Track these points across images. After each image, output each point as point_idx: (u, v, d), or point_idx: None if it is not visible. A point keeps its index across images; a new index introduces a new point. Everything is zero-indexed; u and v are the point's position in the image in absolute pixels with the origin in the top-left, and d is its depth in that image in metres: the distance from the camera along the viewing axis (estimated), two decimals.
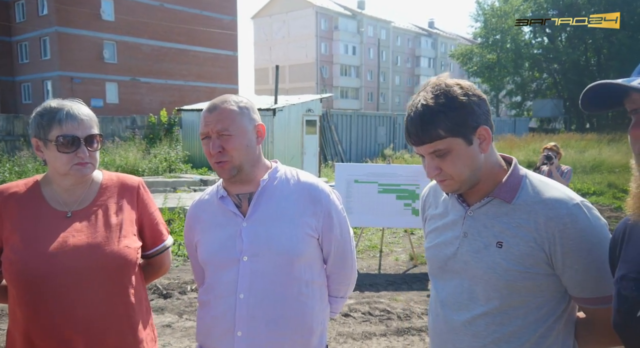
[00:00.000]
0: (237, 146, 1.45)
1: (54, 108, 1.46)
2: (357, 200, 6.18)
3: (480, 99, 1.21)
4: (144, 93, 31.07)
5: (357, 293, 5.12)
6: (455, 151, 1.19)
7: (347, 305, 4.72)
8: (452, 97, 1.17)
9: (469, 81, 1.25)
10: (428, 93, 1.19)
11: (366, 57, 57.37)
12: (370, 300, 4.93)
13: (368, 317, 4.53)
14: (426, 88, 1.21)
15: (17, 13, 31.00)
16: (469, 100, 1.18)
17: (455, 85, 1.20)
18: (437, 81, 1.22)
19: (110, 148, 13.18)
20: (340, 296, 1.71)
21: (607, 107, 1.00)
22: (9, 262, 1.41)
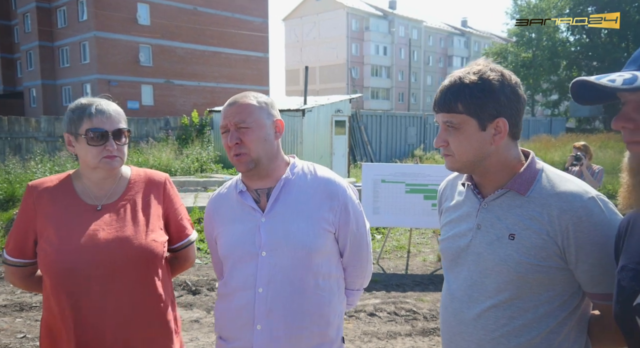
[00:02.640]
0: (255, 139, 1.48)
1: (84, 104, 1.53)
2: (384, 200, 6.15)
3: (514, 93, 1.21)
4: (178, 95, 31.77)
5: (383, 293, 5.11)
6: (465, 130, 1.21)
7: (372, 305, 4.72)
8: (485, 78, 1.19)
9: (513, 75, 1.25)
10: (470, 68, 1.22)
11: (397, 57, 56.91)
12: (397, 300, 4.91)
13: (394, 316, 4.51)
14: (472, 66, 1.24)
15: (58, 19, 32.25)
16: (500, 88, 1.19)
17: (496, 71, 1.21)
18: (485, 62, 1.24)
19: (144, 148, 13.53)
20: (356, 288, 1.73)
21: (604, 100, 0.99)
22: (44, 253, 1.49)
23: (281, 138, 1.63)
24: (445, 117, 1.22)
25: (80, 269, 1.46)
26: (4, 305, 4.49)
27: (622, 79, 0.88)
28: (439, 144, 1.26)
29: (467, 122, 1.20)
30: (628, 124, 0.93)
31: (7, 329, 3.97)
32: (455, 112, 1.20)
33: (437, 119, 1.27)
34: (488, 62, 1.25)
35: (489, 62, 1.25)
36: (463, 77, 1.21)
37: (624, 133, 0.95)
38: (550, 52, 34.74)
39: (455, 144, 1.23)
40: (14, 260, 1.56)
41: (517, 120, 1.24)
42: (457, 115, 1.20)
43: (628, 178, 0.95)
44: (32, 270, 1.59)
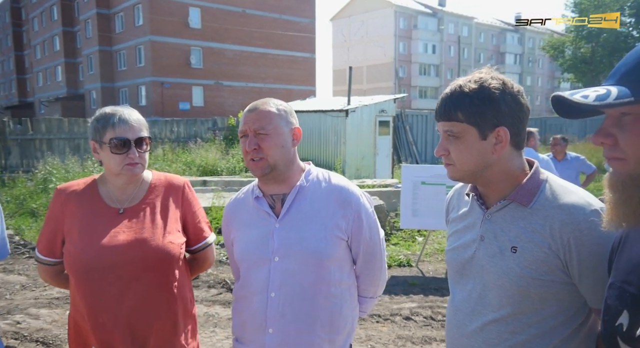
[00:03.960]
0: (272, 145, 1.50)
1: (108, 113, 1.62)
2: (423, 203, 6.04)
3: (515, 101, 1.18)
4: (226, 96, 32.59)
5: (420, 297, 5.03)
6: (465, 139, 1.19)
7: (408, 309, 4.66)
8: (485, 87, 1.17)
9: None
10: (470, 76, 1.21)
11: (446, 55, 55.72)
12: (434, 305, 4.82)
13: (430, 321, 4.43)
14: (474, 73, 1.23)
15: (116, 24, 33.88)
16: (500, 96, 1.16)
17: (497, 79, 1.19)
18: (486, 70, 1.23)
19: (192, 149, 13.98)
20: (369, 296, 1.73)
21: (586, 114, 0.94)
22: (68, 253, 1.58)
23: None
24: (445, 126, 1.21)
25: (100, 269, 1.53)
26: (57, 298, 4.78)
27: (596, 95, 0.84)
28: (440, 152, 1.25)
29: (467, 131, 1.18)
30: (607, 140, 0.89)
31: (58, 321, 4.23)
32: (456, 121, 1.19)
33: (438, 127, 1.25)
34: (490, 70, 1.22)
35: (491, 70, 1.23)
36: (463, 85, 1.19)
37: (604, 149, 0.91)
38: (611, 47, 32.88)
39: (456, 153, 1.21)
40: (45, 258, 1.66)
41: (519, 129, 1.20)
42: (457, 123, 1.19)
43: (610, 195, 0.90)
44: (61, 268, 1.69)
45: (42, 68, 44.66)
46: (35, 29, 45.59)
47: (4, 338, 3.79)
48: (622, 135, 0.87)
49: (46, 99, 41.51)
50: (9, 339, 3.79)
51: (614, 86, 0.85)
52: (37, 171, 10.66)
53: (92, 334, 1.55)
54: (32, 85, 49.17)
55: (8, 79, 55.02)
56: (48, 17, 42.49)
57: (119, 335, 1.54)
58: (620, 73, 0.87)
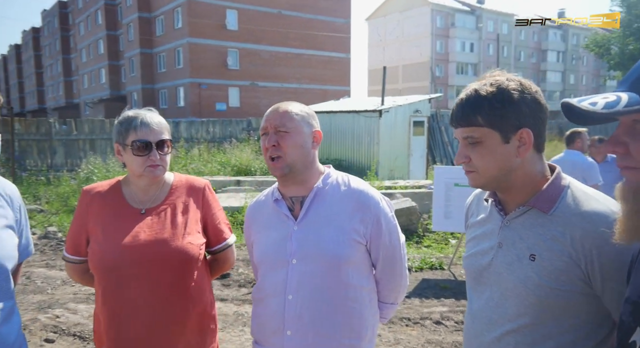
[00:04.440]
0: (292, 144, 1.51)
1: (130, 117, 1.66)
2: (456, 205, 5.91)
3: (535, 102, 1.15)
4: (262, 96, 32.98)
5: (452, 301, 4.93)
6: (487, 144, 1.15)
7: (439, 313, 4.58)
8: (503, 89, 1.14)
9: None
10: (486, 80, 1.18)
11: (485, 54, 54.48)
12: (464, 310, 4.71)
13: (461, 326, 4.33)
14: (488, 76, 1.20)
15: (157, 27, 34.87)
16: (520, 97, 1.13)
17: (514, 80, 1.16)
18: (500, 73, 1.20)
19: (227, 149, 14.21)
20: (390, 302, 1.70)
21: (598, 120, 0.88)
22: (92, 252, 1.63)
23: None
24: (465, 132, 1.18)
25: (121, 268, 1.58)
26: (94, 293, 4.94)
27: (605, 102, 0.78)
28: (460, 160, 1.21)
29: (489, 135, 1.15)
30: (618, 149, 0.84)
31: None
32: (475, 126, 1.15)
33: (456, 134, 1.22)
34: (504, 72, 1.19)
35: (504, 72, 1.19)
36: (479, 89, 1.16)
37: (616, 157, 0.86)
38: None
39: (478, 159, 1.17)
40: (71, 256, 1.72)
41: (541, 130, 1.16)
42: (477, 128, 1.15)
43: (622, 206, 0.85)
44: (86, 266, 1.74)
45: (88, 70, 46.49)
46: (81, 33, 47.52)
47: (44, 332, 3.96)
48: (634, 143, 0.82)
49: (90, 100, 43.22)
50: (48, 332, 3.96)
51: (626, 92, 0.80)
52: (80, 170, 11.10)
53: (110, 331, 1.59)
54: (78, 87, 51.28)
55: (56, 81, 57.58)
56: (93, 22, 44.20)
57: (137, 334, 1.58)
58: (632, 78, 0.82)
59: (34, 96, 65.21)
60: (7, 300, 1.33)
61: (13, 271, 1.37)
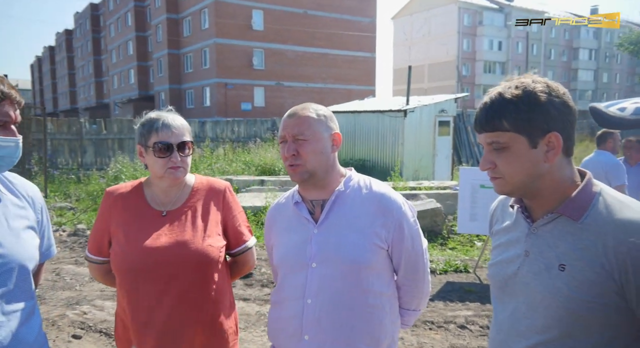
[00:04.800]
0: (311, 151, 1.49)
1: (153, 118, 1.67)
2: (482, 207, 5.80)
3: (563, 104, 1.10)
4: (287, 96, 33.12)
5: (477, 304, 4.83)
6: (514, 149, 1.11)
7: (464, 317, 4.49)
8: (530, 91, 1.09)
9: (560, 85, 1.14)
10: (510, 83, 1.14)
11: (513, 52, 53.40)
12: (491, 314, 4.60)
13: (486, 331, 4.24)
14: (512, 79, 1.16)
15: (184, 28, 35.41)
16: (548, 100, 1.09)
17: (541, 82, 1.12)
18: (525, 75, 1.16)
19: (252, 149, 14.31)
20: (412, 309, 1.67)
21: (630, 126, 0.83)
22: (114, 253, 1.65)
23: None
24: (490, 137, 1.13)
25: (142, 270, 1.59)
26: None
27: (635, 107, 0.73)
28: (485, 166, 1.16)
29: (515, 140, 1.10)
30: None
31: None
32: (501, 130, 1.11)
33: (480, 139, 1.18)
34: (527, 75, 1.15)
35: (527, 74, 1.15)
36: (503, 92, 1.11)
37: None
38: None
39: (505, 165, 1.13)
40: (93, 257, 1.75)
41: (570, 133, 1.11)
42: (503, 133, 1.11)
43: None
44: (108, 267, 1.76)
45: (117, 71, 47.59)
46: (111, 34, 48.67)
47: (72, 328, 4.05)
48: None
49: (120, 100, 44.20)
50: (76, 328, 4.05)
51: None
52: (109, 169, 11.35)
53: (131, 333, 1.61)
54: (108, 88, 52.54)
55: (87, 82, 59.15)
56: (123, 23, 45.21)
57: (156, 335, 1.58)
58: None
59: (66, 96, 67.17)
60: (28, 300, 1.35)
61: (34, 271, 1.39)
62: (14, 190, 1.41)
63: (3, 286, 1.26)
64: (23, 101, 1.34)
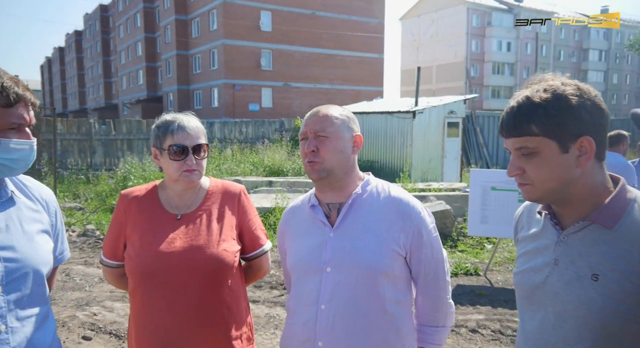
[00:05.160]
0: (331, 149, 1.47)
1: (168, 121, 1.65)
2: (493, 209, 5.75)
3: (595, 107, 1.07)
4: (294, 97, 33.13)
5: (488, 308, 4.78)
6: (544, 154, 1.07)
7: (475, 320, 4.44)
8: (560, 94, 1.05)
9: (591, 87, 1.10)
10: (538, 86, 1.10)
11: (522, 53, 53.07)
12: (503, 318, 4.56)
13: (498, 335, 4.19)
14: (540, 82, 1.12)
15: (193, 29, 35.54)
16: (579, 103, 1.05)
17: (571, 85, 1.08)
18: (552, 77, 1.12)
19: (260, 149, 14.31)
20: (440, 325, 1.57)
21: None
22: (129, 257, 1.63)
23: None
24: (518, 143, 1.09)
25: (157, 274, 1.57)
26: None
27: None
28: (513, 172, 1.12)
29: (545, 144, 1.06)
30: None
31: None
32: (530, 135, 1.07)
33: (507, 145, 1.14)
34: (554, 76, 1.11)
35: (555, 76, 1.11)
36: (532, 95, 1.07)
37: None
38: None
39: (534, 171, 1.09)
40: (108, 261, 1.73)
41: (602, 137, 1.08)
42: (532, 138, 1.07)
43: None
44: (123, 271, 1.74)
45: (126, 72, 47.86)
46: (120, 35, 48.97)
47: (82, 329, 4.06)
48: None
49: (128, 101, 44.47)
50: (86, 330, 4.05)
51: None
52: (118, 169, 11.39)
53: (144, 337, 1.59)
54: (117, 88, 52.86)
55: (96, 82, 59.56)
56: (132, 24, 45.47)
57: (171, 340, 1.56)
58: None
59: (75, 97, 67.68)
60: (43, 305, 1.34)
61: (48, 276, 1.38)
62: (28, 193, 1.40)
63: (17, 291, 1.24)
64: (38, 102, 1.32)
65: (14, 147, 1.25)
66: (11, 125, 1.24)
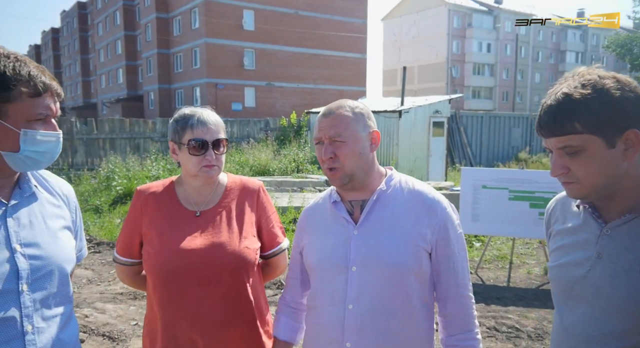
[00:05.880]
0: (349, 153, 1.42)
1: (187, 114, 1.60)
2: (484, 207, 5.81)
3: (638, 98, 1.05)
4: (277, 97, 33.00)
5: (482, 306, 4.82)
6: (590, 151, 1.05)
7: None
8: (602, 89, 1.03)
9: (628, 75, 1.08)
10: (575, 81, 1.07)
11: (502, 54, 53.87)
12: (497, 315, 4.60)
13: (494, 332, 4.23)
14: (573, 77, 1.09)
15: (174, 28, 35.09)
16: (622, 96, 1.03)
17: (610, 77, 1.06)
18: (587, 70, 1.09)
19: (245, 149, 14.20)
20: (474, 330, 1.46)
21: None
22: (148, 255, 1.58)
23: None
24: (560, 142, 1.07)
25: (179, 272, 1.52)
26: (120, 293, 4.94)
27: None
28: (558, 172, 1.10)
29: (590, 141, 1.04)
30: None
31: (122, 316, 4.36)
32: (574, 133, 1.05)
33: (547, 144, 1.12)
34: (590, 69, 1.09)
35: (590, 69, 1.09)
36: (571, 92, 1.05)
37: None
38: None
39: (580, 169, 1.07)
40: (123, 259, 1.67)
41: None
42: (576, 136, 1.05)
43: None
44: (138, 269, 1.69)
45: (105, 70, 47.01)
46: (99, 33, 48.08)
47: None
48: None
49: (108, 100, 43.68)
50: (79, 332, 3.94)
51: None
52: (101, 169, 11.16)
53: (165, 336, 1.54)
54: (95, 87, 51.89)
55: (74, 81, 58.38)
56: (111, 22, 44.69)
57: (193, 338, 1.52)
58: None
59: None
60: (67, 305, 1.29)
61: (71, 274, 1.33)
62: (50, 188, 1.34)
63: (42, 289, 1.19)
64: (62, 94, 1.27)
65: (40, 139, 1.20)
66: (38, 116, 1.18)
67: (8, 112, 1.14)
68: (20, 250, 1.16)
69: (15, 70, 1.14)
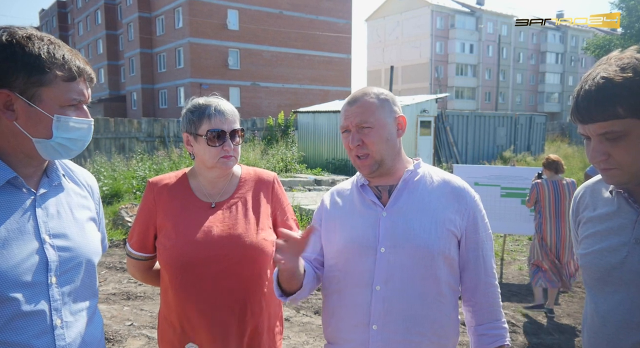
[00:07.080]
0: (377, 139, 1.42)
1: (202, 104, 1.57)
2: None
3: None
4: (263, 97, 32.85)
5: None
6: (633, 136, 1.03)
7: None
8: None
9: None
10: (611, 65, 1.05)
11: (484, 55, 54.54)
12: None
13: None
14: (609, 61, 1.07)
15: (157, 27, 34.69)
16: None
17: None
18: (623, 54, 1.07)
19: None
20: (502, 319, 1.46)
21: None
22: (163, 247, 1.54)
23: None
24: (601, 128, 1.05)
25: (196, 265, 1.49)
26: (113, 293, 4.85)
27: None
28: (598, 158, 1.08)
29: (634, 125, 1.02)
30: None
31: (116, 316, 4.28)
32: (616, 119, 1.03)
33: (585, 131, 1.09)
34: (626, 53, 1.07)
35: (626, 52, 1.07)
36: (611, 77, 1.03)
37: None
38: None
39: (622, 155, 1.05)
40: (136, 253, 1.63)
41: None
42: (619, 121, 1.03)
43: None
44: (151, 263, 1.65)
45: None
46: (80, 33, 47.27)
47: None
48: None
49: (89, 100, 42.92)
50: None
51: None
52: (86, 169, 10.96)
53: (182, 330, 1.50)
54: None
55: None
56: (92, 21, 43.98)
57: (210, 331, 1.49)
58: None
59: None
60: (92, 299, 1.24)
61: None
62: (75, 178, 1.29)
63: (71, 282, 1.15)
64: (95, 79, 1.21)
65: (73, 125, 1.14)
66: (71, 101, 1.13)
67: (41, 96, 1.08)
68: (49, 241, 1.12)
69: (50, 53, 1.08)
